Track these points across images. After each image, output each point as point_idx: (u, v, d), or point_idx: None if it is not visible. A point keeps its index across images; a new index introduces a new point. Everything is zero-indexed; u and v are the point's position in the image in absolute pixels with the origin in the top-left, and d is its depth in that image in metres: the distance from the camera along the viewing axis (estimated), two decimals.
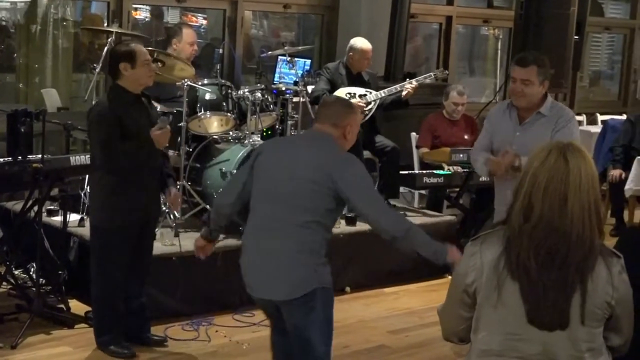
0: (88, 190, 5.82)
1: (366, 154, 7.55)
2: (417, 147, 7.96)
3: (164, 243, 5.87)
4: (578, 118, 10.91)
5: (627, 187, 8.43)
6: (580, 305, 2.58)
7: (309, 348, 3.94)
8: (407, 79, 7.69)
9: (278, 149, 4.11)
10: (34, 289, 5.63)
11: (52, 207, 6.32)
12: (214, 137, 6.60)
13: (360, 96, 7.46)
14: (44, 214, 5.90)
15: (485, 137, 5.07)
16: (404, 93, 7.48)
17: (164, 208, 6.24)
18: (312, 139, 4.10)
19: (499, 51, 11.35)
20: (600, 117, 10.81)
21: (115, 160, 4.95)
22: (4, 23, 8.09)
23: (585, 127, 10.56)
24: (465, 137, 7.84)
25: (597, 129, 10.00)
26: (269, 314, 4.17)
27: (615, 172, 8.56)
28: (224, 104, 6.54)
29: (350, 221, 6.78)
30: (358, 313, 6.24)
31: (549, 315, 2.58)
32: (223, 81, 6.69)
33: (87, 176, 5.94)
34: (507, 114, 4.87)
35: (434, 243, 3.89)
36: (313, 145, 4.02)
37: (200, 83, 6.48)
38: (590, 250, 2.59)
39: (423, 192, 8.00)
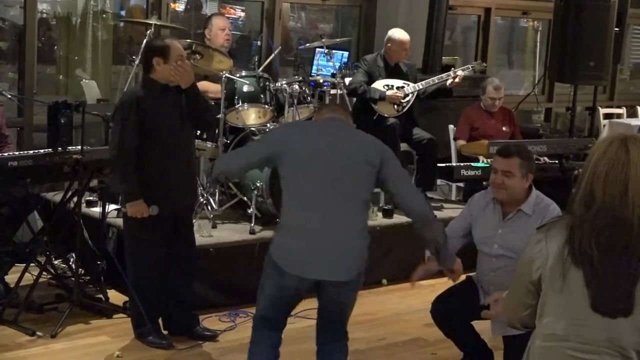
0: None
1: (404, 146, 7.53)
2: (455, 139, 7.92)
3: (202, 234, 5.91)
4: (618, 111, 10.91)
5: None
6: None
7: None
8: (448, 71, 7.64)
9: None
10: (73, 279, 5.69)
11: (91, 198, 6.39)
12: (252, 129, 6.62)
13: (398, 88, 7.44)
14: (83, 205, 5.96)
15: (461, 222, 4.82)
16: (449, 82, 7.42)
17: (201, 199, 6.28)
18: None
19: (538, 43, 11.24)
20: None
21: (122, 155, 4.93)
22: (44, 15, 8.16)
23: (625, 120, 10.47)
24: (503, 129, 7.80)
25: (637, 121, 9.91)
26: None
27: None
28: (262, 96, 6.56)
29: (387, 213, 6.78)
30: (393, 305, 6.26)
31: (612, 303, 2.60)
32: (261, 73, 6.71)
33: None
34: (491, 208, 4.65)
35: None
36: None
37: (238, 75, 6.51)
38: None
39: (460, 184, 7.97)
